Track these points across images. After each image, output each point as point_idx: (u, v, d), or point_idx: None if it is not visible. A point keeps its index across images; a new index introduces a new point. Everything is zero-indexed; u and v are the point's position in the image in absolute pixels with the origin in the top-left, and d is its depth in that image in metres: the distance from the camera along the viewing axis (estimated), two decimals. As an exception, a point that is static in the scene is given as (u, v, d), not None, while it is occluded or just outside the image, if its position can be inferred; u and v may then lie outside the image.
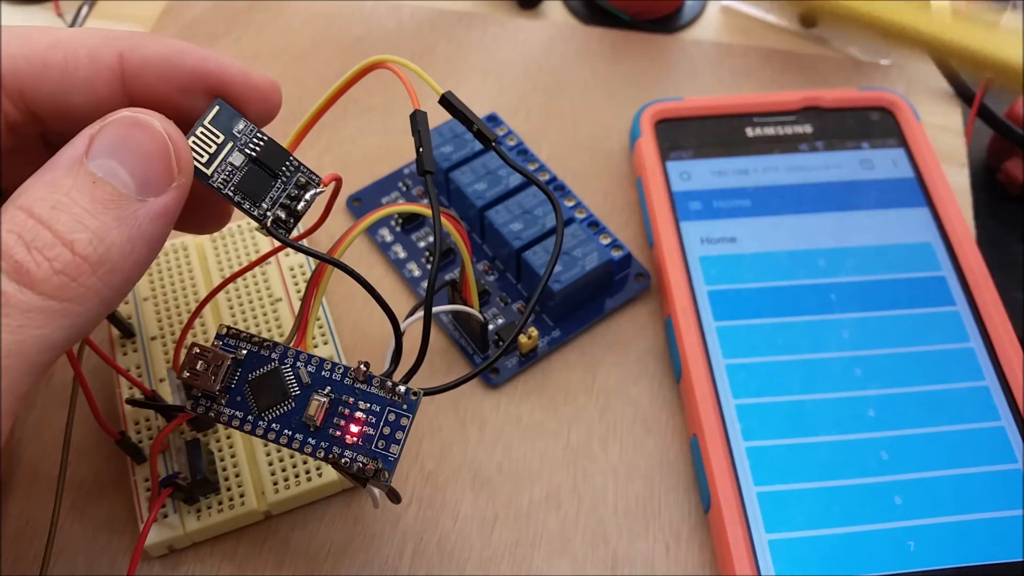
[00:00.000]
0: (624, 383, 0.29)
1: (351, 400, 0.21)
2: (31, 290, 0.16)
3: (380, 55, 0.22)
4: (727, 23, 0.40)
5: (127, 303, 0.29)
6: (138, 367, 0.28)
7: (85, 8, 0.39)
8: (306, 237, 0.24)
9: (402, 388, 0.21)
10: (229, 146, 0.20)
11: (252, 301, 0.29)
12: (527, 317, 0.23)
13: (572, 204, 0.31)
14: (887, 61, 0.37)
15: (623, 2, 0.39)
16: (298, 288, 0.29)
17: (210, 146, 0.20)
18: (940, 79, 0.37)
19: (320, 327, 0.29)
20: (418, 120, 0.22)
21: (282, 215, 0.20)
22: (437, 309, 0.25)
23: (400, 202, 0.33)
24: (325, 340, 0.28)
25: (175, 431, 0.25)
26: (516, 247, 0.29)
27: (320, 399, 0.21)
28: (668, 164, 0.33)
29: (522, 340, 0.29)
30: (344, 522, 0.26)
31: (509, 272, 0.31)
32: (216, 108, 0.20)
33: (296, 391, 0.21)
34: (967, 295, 0.29)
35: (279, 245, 0.21)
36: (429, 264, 0.31)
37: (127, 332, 0.28)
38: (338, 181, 0.22)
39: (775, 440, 0.26)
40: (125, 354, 0.28)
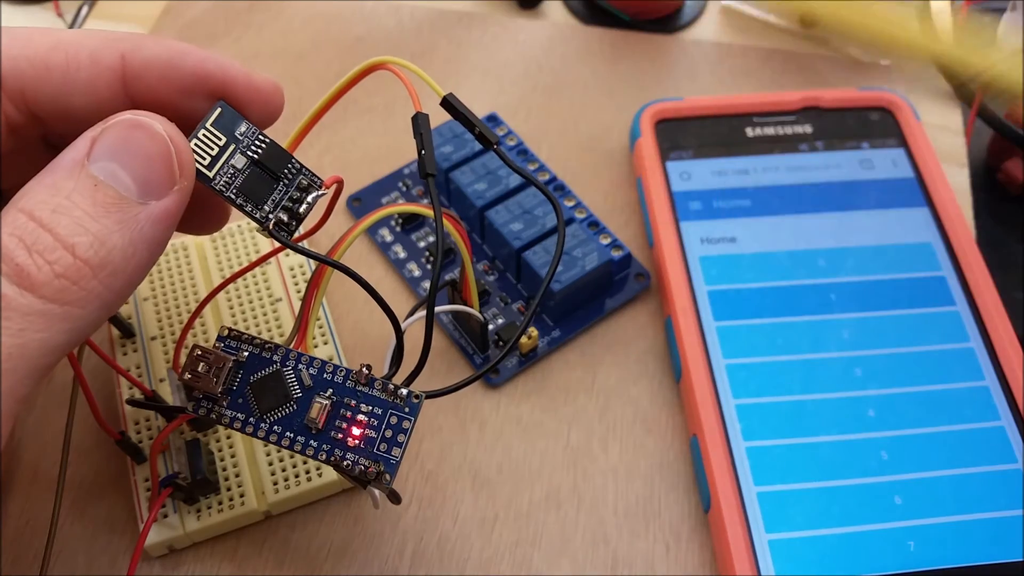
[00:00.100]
0: (624, 383, 0.29)
1: (353, 403, 0.21)
2: (32, 293, 0.16)
3: (381, 56, 0.22)
4: (727, 23, 0.40)
5: (127, 303, 0.29)
6: (138, 367, 0.28)
7: (85, 8, 0.39)
8: (307, 238, 0.24)
9: (404, 391, 0.21)
10: (231, 148, 0.20)
11: (252, 301, 0.29)
12: (529, 318, 0.23)
13: (572, 204, 0.31)
14: (887, 61, 0.37)
15: (623, 2, 0.39)
16: (298, 288, 0.29)
17: (212, 148, 0.20)
18: (940, 79, 0.37)
19: (320, 327, 0.29)
20: (420, 122, 0.22)
21: (284, 217, 0.20)
22: (437, 309, 0.25)
23: (400, 202, 0.33)
24: (325, 340, 0.28)
25: (175, 431, 0.25)
26: (516, 247, 0.29)
27: (322, 402, 0.20)
28: (668, 164, 0.33)
29: (522, 340, 0.29)
30: (344, 522, 0.26)
31: (509, 272, 0.31)
32: (218, 110, 0.20)
33: (298, 393, 0.21)
34: (967, 295, 0.29)
35: (280, 246, 0.21)
36: (429, 264, 0.31)
37: (127, 332, 0.28)
38: (339, 183, 0.22)
39: (775, 440, 0.26)
40: (125, 354, 0.28)
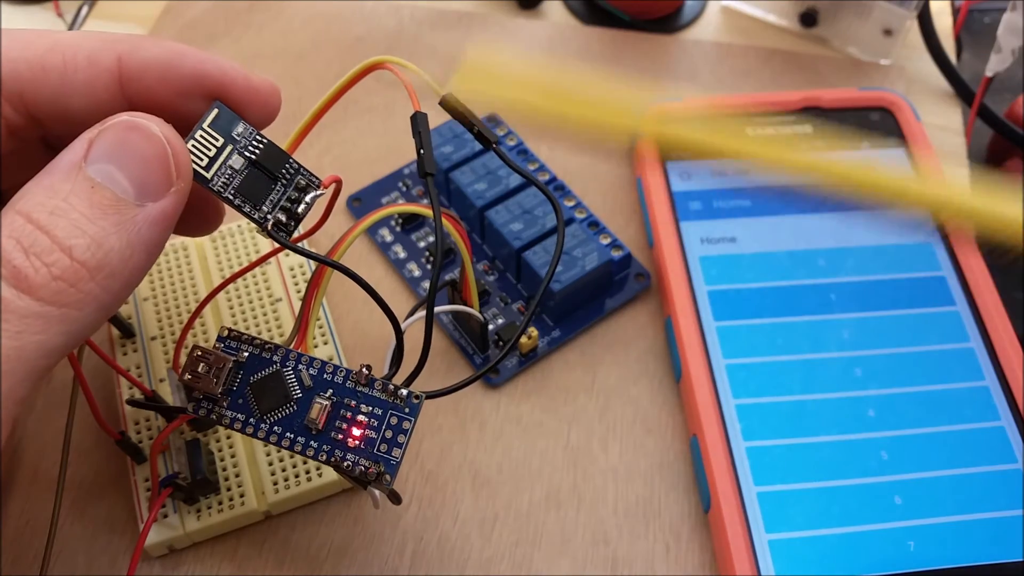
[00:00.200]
0: (624, 383, 0.29)
1: (353, 403, 0.21)
2: (29, 296, 0.16)
3: (380, 55, 0.22)
4: (727, 23, 0.39)
5: (127, 303, 0.29)
6: (138, 367, 0.28)
7: (85, 8, 0.39)
8: (306, 238, 0.24)
9: (404, 391, 0.21)
10: (229, 149, 0.20)
11: (252, 301, 0.29)
12: (529, 318, 0.23)
13: (572, 204, 0.31)
14: (887, 61, 0.37)
15: (623, 2, 0.39)
16: (298, 288, 0.29)
17: (210, 149, 0.20)
18: (940, 79, 0.37)
19: (320, 327, 0.29)
20: (419, 122, 0.22)
21: (282, 218, 0.20)
22: (437, 309, 0.25)
23: (400, 202, 0.33)
24: (325, 340, 0.28)
25: (175, 431, 0.25)
26: (516, 247, 0.29)
27: (322, 402, 0.20)
28: (668, 164, 0.33)
29: (522, 340, 0.29)
30: (344, 522, 0.26)
31: (509, 272, 0.31)
32: (215, 111, 0.20)
33: (298, 394, 0.21)
34: (967, 295, 0.29)
35: (279, 246, 0.21)
36: (429, 264, 0.31)
37: (127, 332, 0.28)
38: (338, 183, 0.22)
39: (775, 440, 0.26)
40: (125, 354, 0.28)
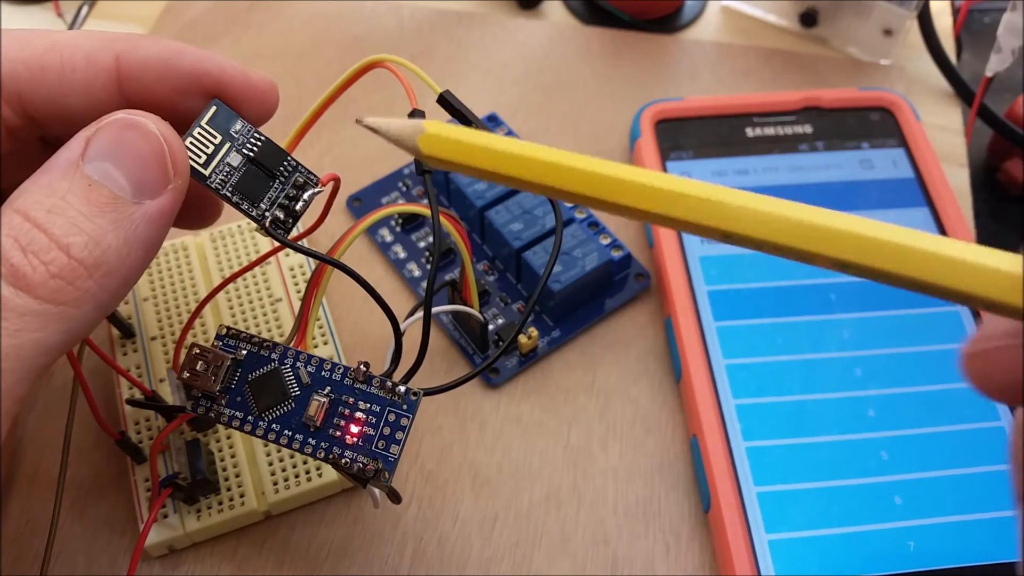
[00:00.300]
0: (624, 383, 0.29)
1: (351, 400, 0.21)
2: (27, 294, 0.16)
3: (378, 54, 0.22)
4: (727, 23, 0.40)
5: (127, 303, 0.29)
6: (138, 367, 0.28)
7: (85, 8, 0.39)
8: (306, 237, 0.24)
9: (402, 388, 0.21)
10: (227, 146, 0.20)
11: (252, 301, 0.29)
12: (526, 317, 0.23)
13: (572, 204, 0.31)
14: (887, 61, 0.37)
15: (623, 2, 0.39)
16: (298, 288, 0.29)
17: (208, 147, 0.20)
18: (940, 79, 0.37)
19: (320, 327, 0.29)
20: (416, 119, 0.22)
21: (280, 215, 0.20)
22: (437, 309, 0.25)
23: (400, 202, 0.33)
24: (325, 340, 0.28)
25: (175, 431, 0.25)
26: (516, 247, 0.29)
27: (320, 399, 0.21)
28: (668, 164, 0.33)
29: (522, 340, 0.29)
30: (344, 522, 0.26)
31: (509, 272, 0.31)
32: (213, 108, 0.20)
33: (296, 391, 0.21)
34: (967, 295, 0.29)
35: (279, 245, 0.21)
36: (429, 264, 0.31)
37: (127, 332, 0.28)
38: (336, 181, 0.22)
39: (775, 440, 0.26)
40: (125, 354, 0.28)
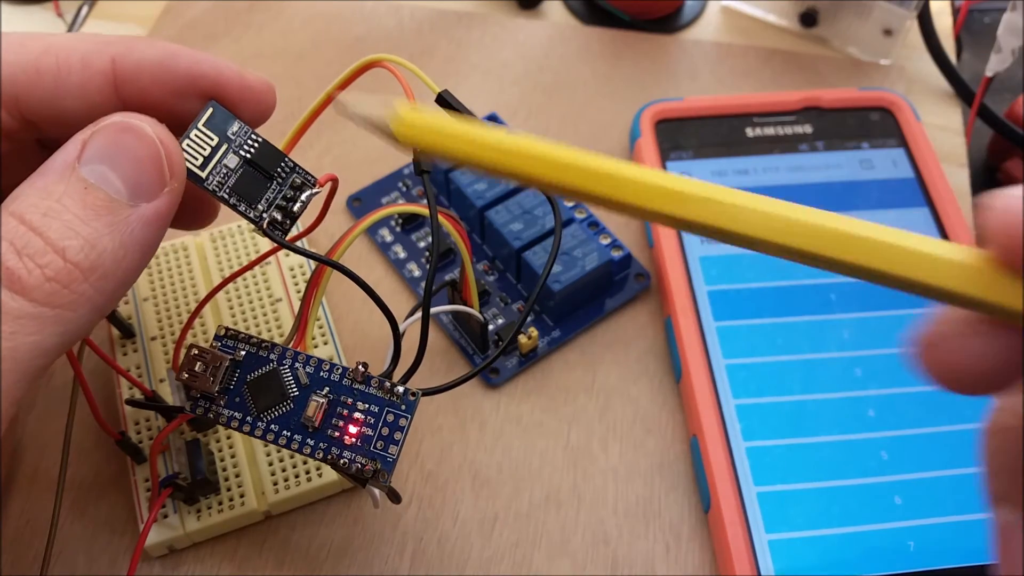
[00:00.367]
0: (624, 383, 0.29)
1: (349, 401, 0.21)
2: (23, 297, 0.16)
3: (377, 54, 0.22)
4: (727, 23, 0.39)
5: (127, 303, 0.29)
6: (138, 367, 0.28)
7: (85, 8, 0.39)
8: (305, 237, 0.24)
9: (400, 388, 0.21)
10: (224, 148, 0.20)
11: (252, 301, 0.29)
12: (525, 317, 0.23)
13: (572, 204, 0.31)
14: (887, 61, 0.37)
15: (623, 2, 0.39)
16: (298, 288, 0.29)
17: (205, 149, 0.20)
18: (940, 79, 0.37)
19: (320, 327, 0.29)
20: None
21: (278, 216, 0.20)
22: (437, 309, 0.25)
23: (400, 202, 0.33)
24: (325, 340, 0.28)
25: (175, 431, 0.25)
26: (516, 247, 0.29)
27: (318, 400, 0.21)
28: (668, 164, 0.33)
29: (522, 340, 0.29)
30: (344, 522, 0.26)
31: (509, 272, 0.31)
32: (210, 110, 0.20)
33: (295, 392, 0.21)
34: (967, 295, 0.29)
35: (279, 245, 0.21)
36: (429, 264, 0.31)
37: (127, 332, 0.28)
38: (334, 181, 0.22)
39: (775, 440, 0.26)
40: (125, 354, 0.28)
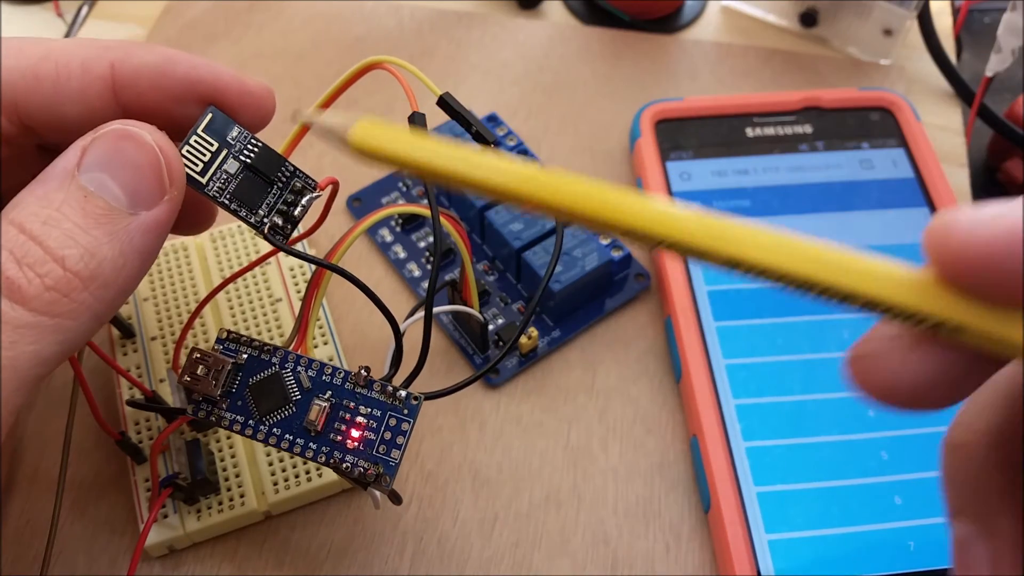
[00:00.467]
0: (624, 383, 0.29)
1: (352, 405, 0.21)
2: (23, 306, 0.16)
3: (378, 55, 0.22)
4: (727, 23, 0.39)
5: (127, 304, 0.29)
6: (138, 367, 0.28)
7: (85, 8, 0.39)
8: (305, 238, 0.24)
9: (403, 393, 0.21)
10: (224, 154, 0.20)
11: (252, 301, 0.29)
12: (528, 319, 0.23)
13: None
14: (887, 61, 0.37)
15: (623, 2, 0.39)
16: (298, 288, 0.29)
17: (204, 154, 0.20)
18: (940, 79, 0.37)
19: (320, 328, 0.29)
20: (416, 121, 0.22)
21: (279, 221, 0.20)
22: (437, 309, 0.25)
23: (400, 203, 0.33)
24: (325, 341, 0.28)
25: (175, 431, 0.25)
26: (516, 247, 0.29)
27: (321, 404, 0.20)
28: (668, 164, 0.33)
29: (522, 340, 0.29)
30: (344, 522, 0.26)
31: (509, 272, 0.31)
32: (209, 116, 0.20)
33: (297, 396, 0.21)
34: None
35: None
36: (429, 264, 0.31)
37: (127, 332, 0.28)
38: (335, 184, 0.22)
39: (775, 440, 0.26)
40: (125, 354, 0.28)
